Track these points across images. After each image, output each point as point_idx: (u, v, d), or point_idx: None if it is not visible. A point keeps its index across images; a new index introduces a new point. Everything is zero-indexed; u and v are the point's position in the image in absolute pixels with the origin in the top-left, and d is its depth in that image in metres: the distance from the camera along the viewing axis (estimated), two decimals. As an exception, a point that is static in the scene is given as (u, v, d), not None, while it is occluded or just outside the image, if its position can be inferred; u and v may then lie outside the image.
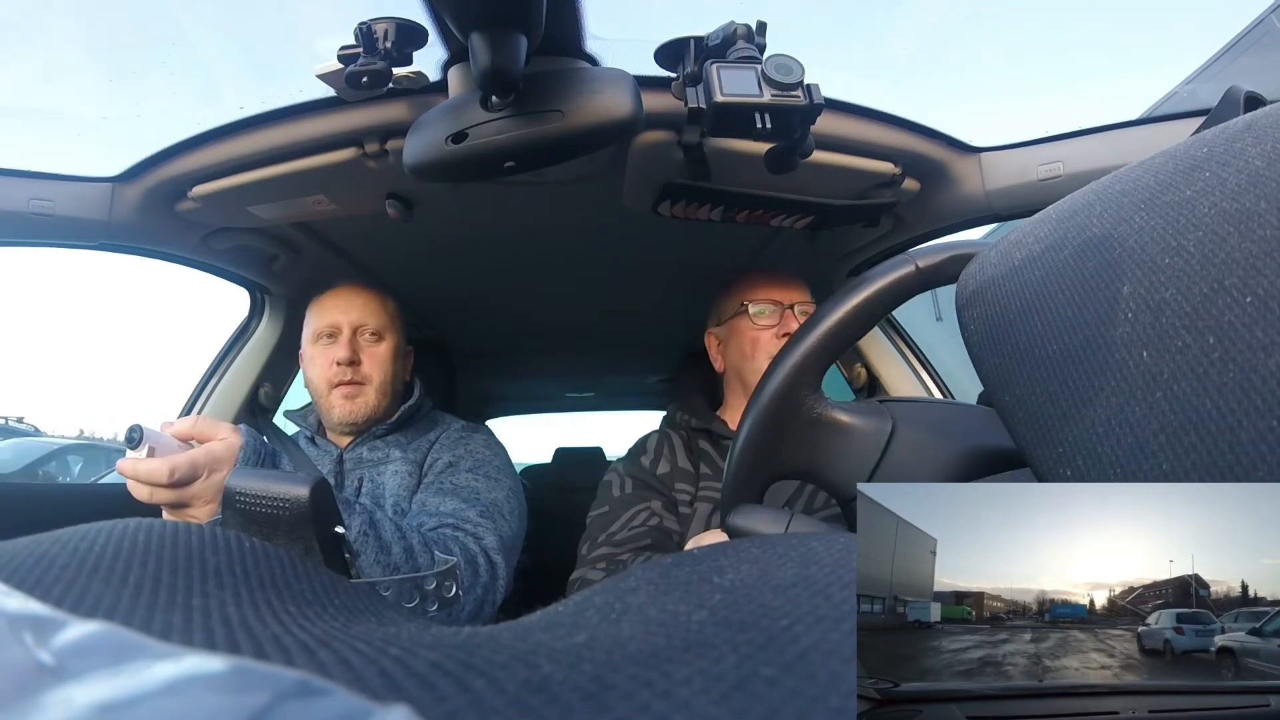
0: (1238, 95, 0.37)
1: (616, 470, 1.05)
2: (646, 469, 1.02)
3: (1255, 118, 0.24)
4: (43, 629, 0.10)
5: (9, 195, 0.81)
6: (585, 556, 0.96)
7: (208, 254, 1.05)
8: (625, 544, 0.93)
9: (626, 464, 1.06)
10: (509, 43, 0.54)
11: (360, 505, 0.77)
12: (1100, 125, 0.86)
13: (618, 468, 1.06)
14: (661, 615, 0.17)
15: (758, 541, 0.22)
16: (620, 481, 1.03)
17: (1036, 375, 0.26)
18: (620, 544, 0.94)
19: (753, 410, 0.47)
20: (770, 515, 0.44)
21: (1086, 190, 0.30)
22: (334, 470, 1.01)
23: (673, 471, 1.01)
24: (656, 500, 0.98)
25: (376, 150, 0.79)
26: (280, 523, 0.36)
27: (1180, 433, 0.20)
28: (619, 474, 1.04)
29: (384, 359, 1.02)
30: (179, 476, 0.65)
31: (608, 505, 1.00)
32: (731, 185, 0.85)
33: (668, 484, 1.00)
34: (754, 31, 0.60)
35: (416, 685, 0.14)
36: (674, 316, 1.66)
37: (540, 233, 1.12)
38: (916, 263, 0.44)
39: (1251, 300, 0.19)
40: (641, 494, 0.99)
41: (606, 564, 0.93)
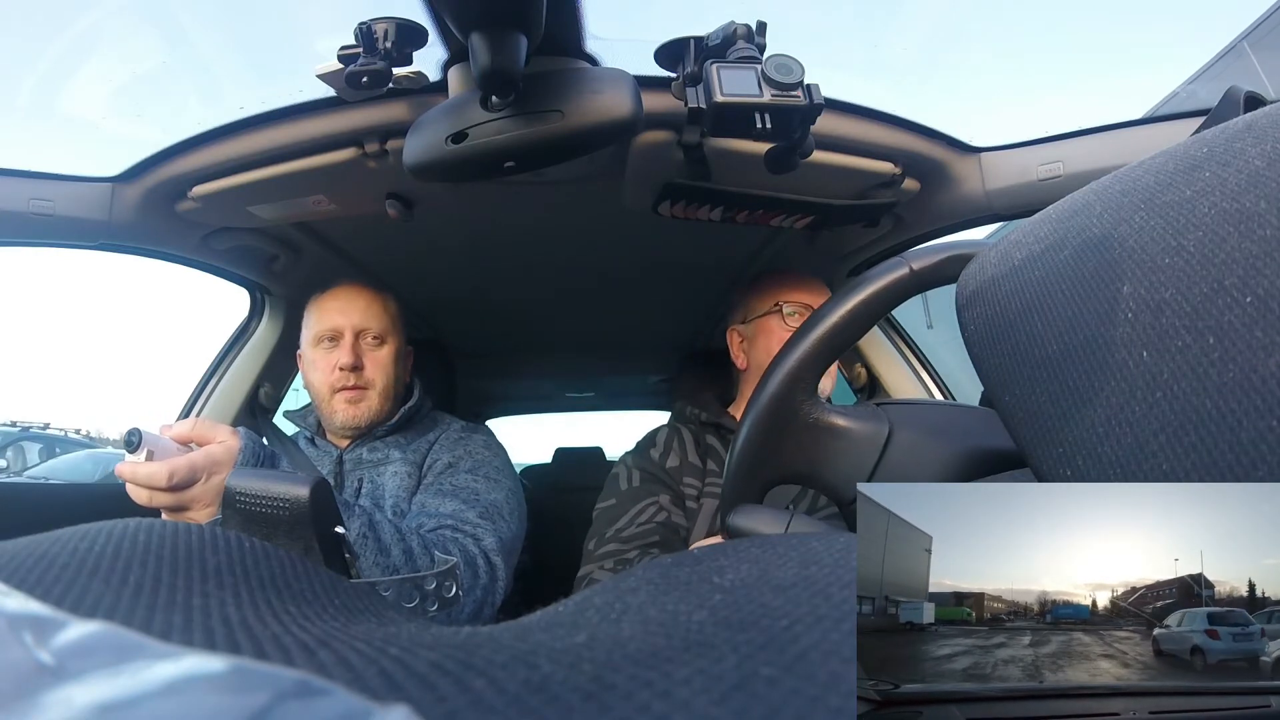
0: (1238, 95, 0.37)
1: (625, 463, 1.06)
2: (655, 462, 1.03)
3: (1255, 118, 0.24)
4: (43, 629, 0.10)
5: (9, 195, 0.81)
6: (592, 553, 0.96)
7: (208, 254, 1.05)
8: (633, 540, 0.93)
9: (635, 456, 1.06)
10: (509, 43, 0.54)
11: (360, 507, 0.77)
12: (1100, 125, 0.86)
13: (626, 460, 1.06)
14: (661, 615, 0.17)
15: (758, 541, 0.22)
16: (629, 474, 1.03)
17: (1036, 375, 0.26)
18: (628, 541, 0.94)
19: (751, 412, 0.47)
20: (770, 515, 0.44)
21: (1086, 190, 0.30)
22: (334, 471, 1.01)
23: (681, 465, 1.01)
24: (665, 494, 0.99)
25: (376, 150, 0.79)
26: (280, 523, 0.36)
27: (1180, 433, 0.20)
28: (627, 466, 1.04)
29: (387, 363, 1.02)
30: (178, 480, 0.65)
31: (615, 498, 1.00)
32: (731, 185, 0.85)
33: (676, 478, 1.01)
34: (754, 31, 0.60)
35: (416, 685, 0.14)
36: (674, 316, 1.66)
37: (540, 233, 1.12)
38: (911, 265, 0.44)
39: (1251, 300, 0.19)
40: (649, 487, 1.00)
41: (614, 562, 0.93)
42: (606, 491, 1.03)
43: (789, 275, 1.07)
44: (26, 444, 6.41)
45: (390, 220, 0.93)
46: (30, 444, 6.46)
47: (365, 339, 1.01)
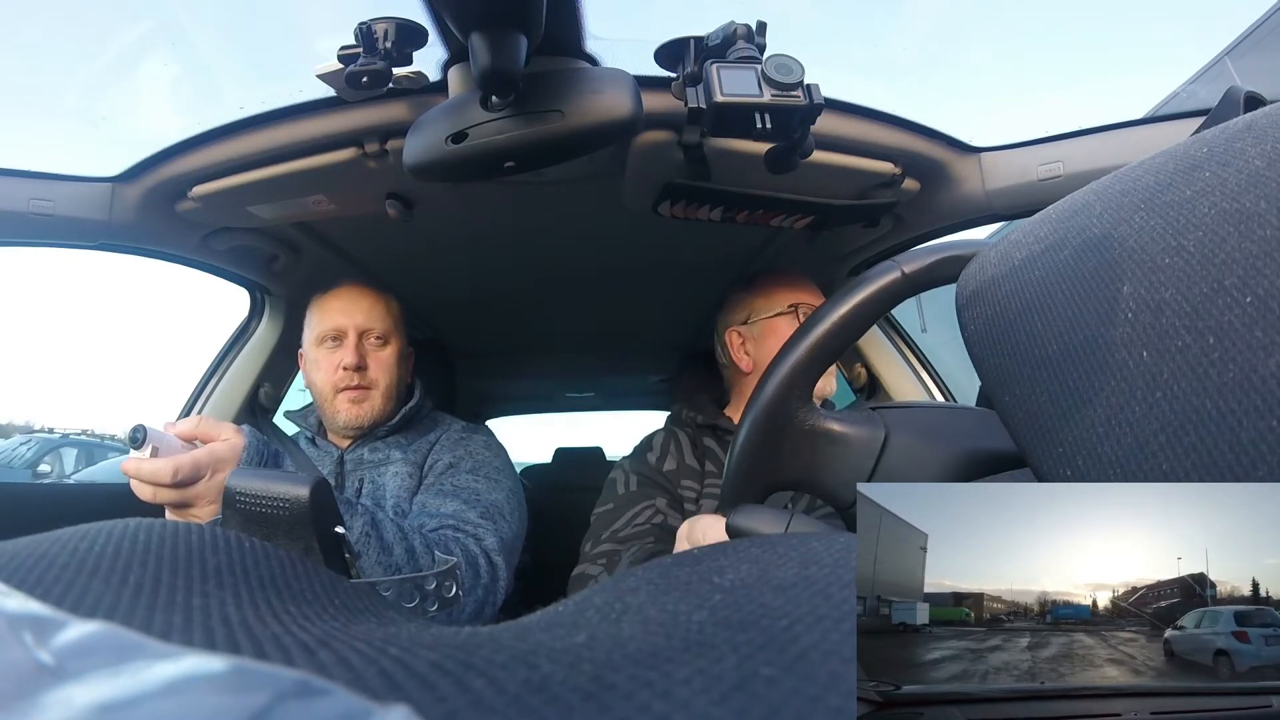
0: (1238, 95, 0.37)
1: (622, 468, 1.06)
2: (652, 466, 1.03)
3: (1255, 118, 0.24)
4: (43, 629, 0.10)
5: (9, 195, 0.81)
6: (587, 553, 0.96)
7: (208, 254, 1.05)
8: (628, 541, 0.94)
9: (632, 461, 1.06)
10: (509, 43, 0.54)
11: (362, 506, 0.77)
12: (1100, 125, 0.86)
13: (624, 465, 1.06)
14: (661, 615, 0.17)
15: (758, 541, 0.22)
16: (626, 479, 1.03)
17: (1036, 375, 0.26)
18: (623, 540, 0.94)
19: (748, 418, 0.47)
20: (770, 515, 0.44)
21: (1086, 190, 0.30)
22: (335, 471, 1.01)
23: (679, 469, 1.01)
24: (661, 498, 0.99)
25: (376, 150, 0.79)
26: (280, 523, 0.36)
27: (1180, 433, 0.20)
28: (625, 471, 1.05)
29: (390, 363, 1.02)
30: (182, 476, 0.65)
31: (612, 502, 1.01)
32: (731, 185, 0.85)
33: (673, 481, 1.01)
34: (754, 31, 0.60)
35: (416, 685, 0.14)
36: (674, 316, 1.66)
37: (540, 233, 1.12)
38: (903, 268, 0.44)
39: (1251, 300, 0.19)
40: (646, 491, 1.00)
41: (608, 560, 0.93)
42: (604, 496, 1.03)
43: (793, 276, 1.07)
44: (65, 450, 6.45)
45: (390, 220, 0.93)
46: (68, 450, 6.49)
47: (369, 339, 1.01)
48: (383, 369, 1.01)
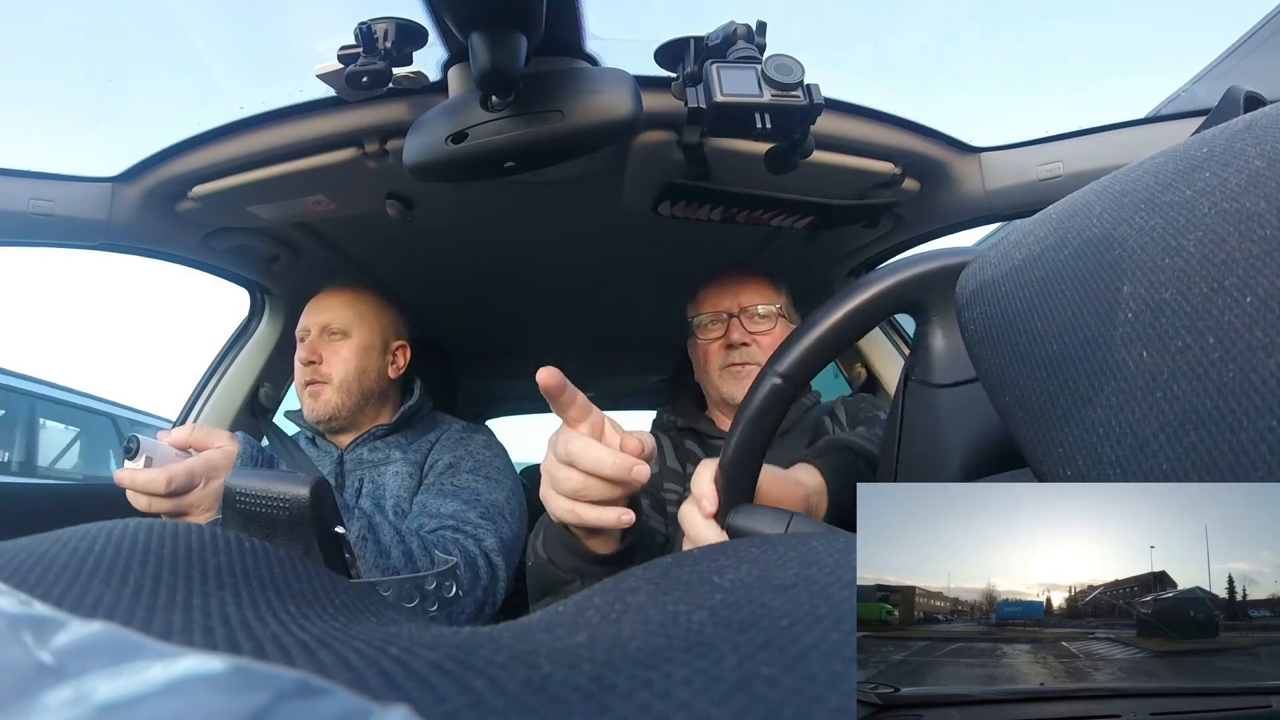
0: (1238, 95, 0.37)
1: None
2: None
3: (1255, 118, 0.24)
4: (43, 629, 0.10)
5: (9, 195, 0.82)
6: None
7: (208, 254, 1.05)
8: None
9: None
10: (509, 43, 0.54)
11: (359, 510, 0.77)
12: (1100, 125, 0.86)
13: None
14: (661, 615, 0.17)
15: (758, 541, 0.22)
16: None
17: (1036, 375, 0.26)
18: None
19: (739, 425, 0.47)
20: (770, 515, 0.44)
21: (1086, 190, 0.30)
22: (334, 471, 1.01)
23: (661, 472, 1.01)
24: (643, 500, 0.98)
25: (376, 150, 0.79)
26: (280, 522, 0.36)
27: (1180, 433, 0.20)
28: None
29: (345, 356, 1.01)
30: (176, 486, 0.65)
31: None
32: (731, 185, 0.85)
33: (655, 484, 1.01)
34: (754, 31, 0.60)
35: (416, 685, 0.14)
36: (673, 317, 1.66)
37: (540, 233, 1.12)
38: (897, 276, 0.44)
39: (1251, 300, 0.19)
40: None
41: None
42: None
43: (703, 285, 1.06)
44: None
45: (390, 220, 0.93)
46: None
47: (326, 334, 1.02)
48: (337, 361, 1.01)
